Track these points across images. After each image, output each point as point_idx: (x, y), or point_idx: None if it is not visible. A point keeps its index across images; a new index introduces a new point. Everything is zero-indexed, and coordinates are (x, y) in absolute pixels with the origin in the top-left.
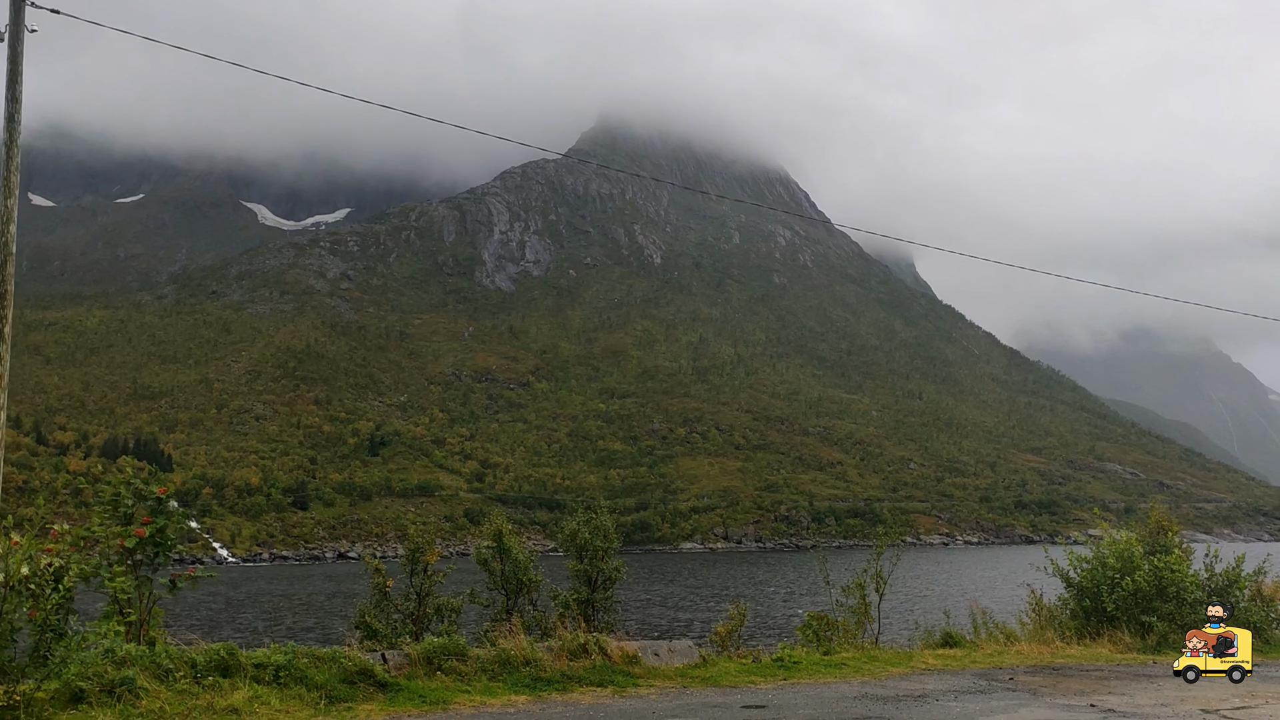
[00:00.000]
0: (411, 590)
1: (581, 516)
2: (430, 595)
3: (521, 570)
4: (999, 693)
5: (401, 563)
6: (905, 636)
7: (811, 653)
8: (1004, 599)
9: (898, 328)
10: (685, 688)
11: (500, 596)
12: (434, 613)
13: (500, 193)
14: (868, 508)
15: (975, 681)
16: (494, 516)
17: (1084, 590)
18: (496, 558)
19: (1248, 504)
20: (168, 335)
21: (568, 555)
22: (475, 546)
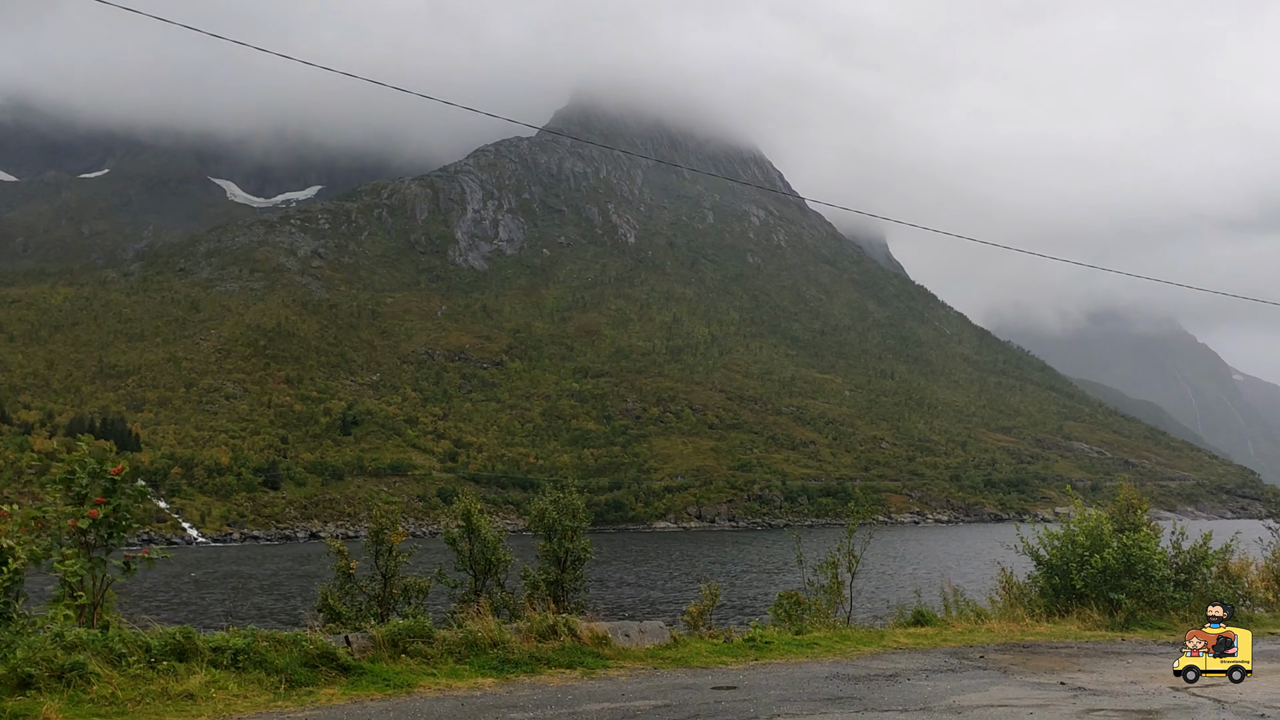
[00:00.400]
0: (376, 571)
1: (550, 496)
2: (396, 576)
3: (490, 550)
4: (970, 671)
5: (365, 543)
6: (877, 615)
7: (784, 632)
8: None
9: (870, 308)
10: (656, 669)
11: (468, 577)
12: (400, 594)
13: (473, 171)
14: (840, 487)
15: (946, 660)
16: (463, 495)
17: (1054, 568)
18: (464, 537)
19: (1211, 482)
20: (134, 313)
21: (537, 535)
22: (443, 526)
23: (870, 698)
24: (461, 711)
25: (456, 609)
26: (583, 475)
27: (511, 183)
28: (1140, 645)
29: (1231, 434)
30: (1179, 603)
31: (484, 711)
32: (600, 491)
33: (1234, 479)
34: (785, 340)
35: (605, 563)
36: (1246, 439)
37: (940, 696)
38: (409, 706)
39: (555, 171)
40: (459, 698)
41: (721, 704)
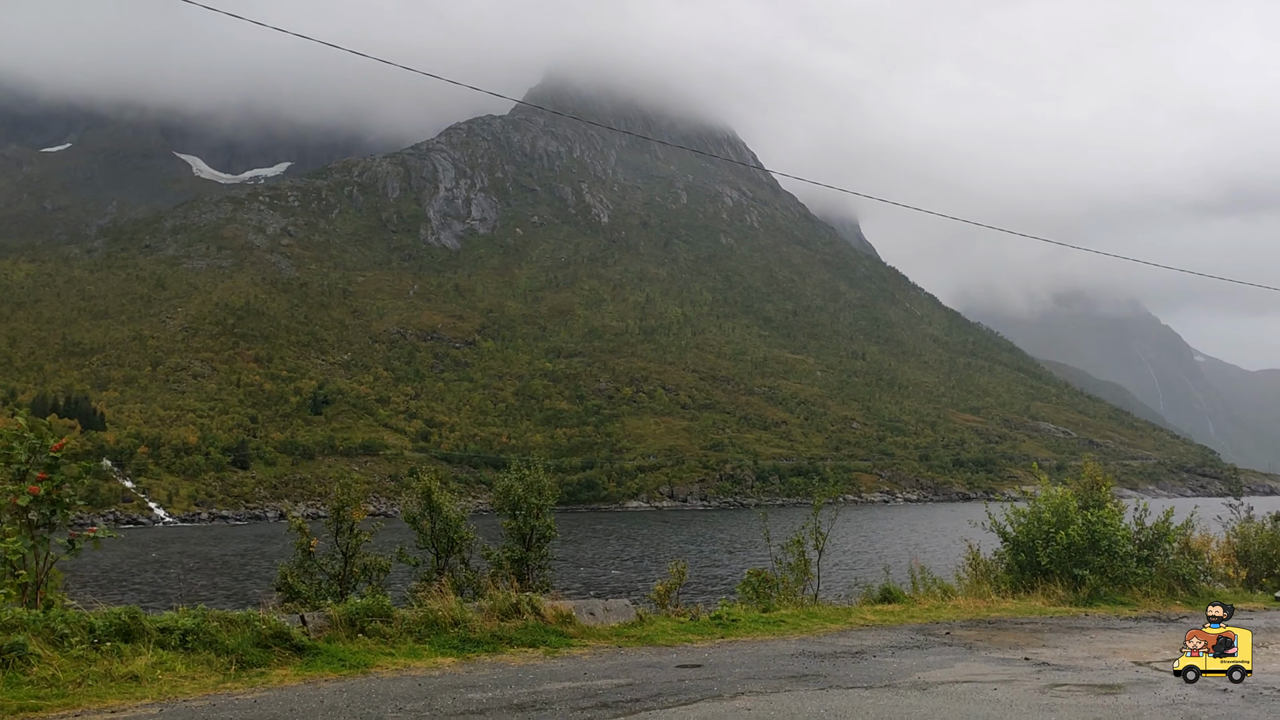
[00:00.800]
0: (337, 550)
1: (515, 473)
2: (357, 555)
3: (452, 528)
4: (935, 647)
5: (325, 522)
6: (845, 593)
7: (751, 610)
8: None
9: (842, 289)
10: (620, 647)
11: (430, 555)
12: (361, 573)
13: (445, 149)
14: (811, 466)
15: (912, 636)
16: (423, 473)
17: (1020, 545)
18: (426, 515)
19: (1172, 461)
20: (98, 290)
21: (502, 513)
22: (403, 503)
23: (835, 675)
24: (418, 692)
25: (418, 588)
26: (555, 455)
27: (484, 161)
28: (1103, 620)
29: (1192, 414)
30: (1141, 578)
31: (442, 692)
32: (573, 471)
33: (1194, 458)
34: (758, 321)
35: (575, 541)
36: (1207, 419)
37: (905, 673)
38: (364, 687)
39: (528, 150)
40: (417, 678)
41: (685, 682)
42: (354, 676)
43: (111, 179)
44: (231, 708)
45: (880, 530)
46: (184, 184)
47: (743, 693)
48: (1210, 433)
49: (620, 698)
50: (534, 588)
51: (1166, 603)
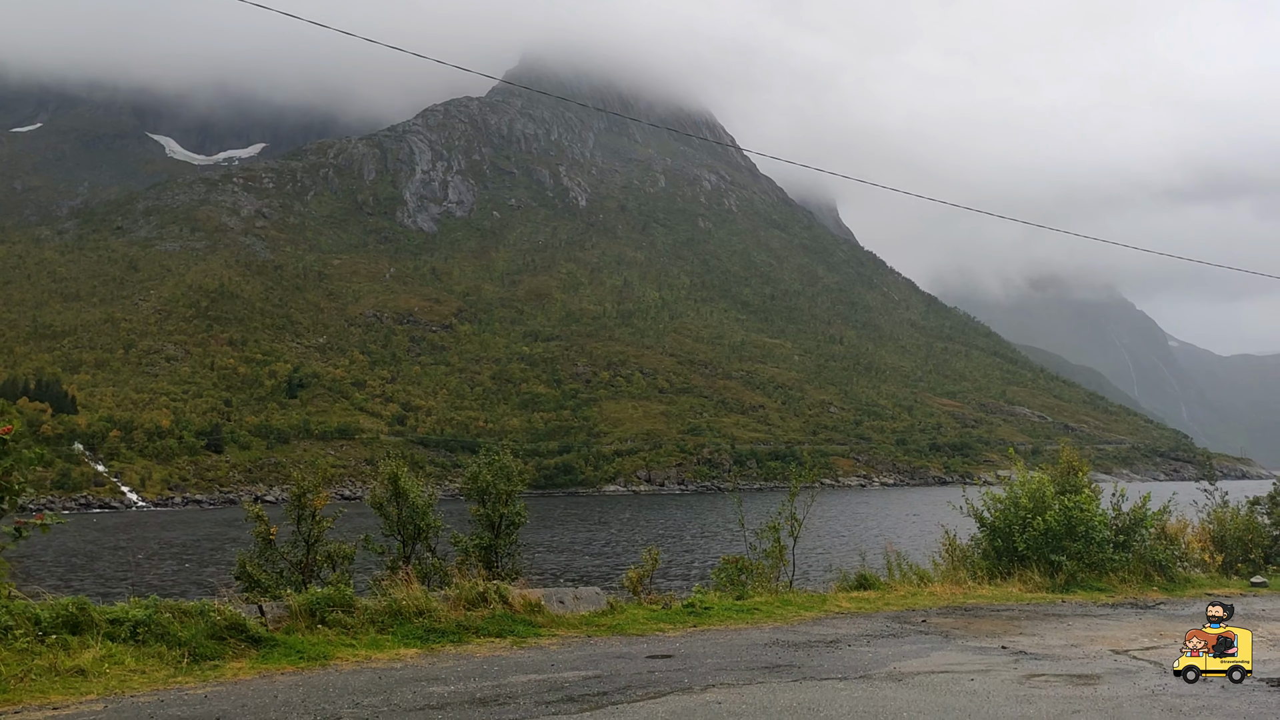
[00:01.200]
0: (299, 537)
1: (484, 458)
2: (320, 542)
3: (419, 515)
4: (911, 636)
5: (285, 508)
6: (820, 579)
7: (724, 598)
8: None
9: (820, 273)
10: (590, 637)
11: (396, 543)
12: (324, 560)
13: (422, 131)
14: (788, 450)
15: (888, 625)
16: (390, 458)
17: (996, 530)
18: (392, 501)
19: (1145, 445)
20: (70, 272)
21: (470, 499)
22: (370, 489)
23: (809, 665)
24: (378, 685)
25: (382, 577)
26: (532, 439)
27: (461, 144)
28: (1080, 607)
29: (1166, 398)
30: (1118, 564)
31: (403, 685)
32: (550, 455)
33: (1168, 442)
34: (735, 305)
35: (549, 527)
36: (1180, 403)
37: (881, 663)
38: (322, 680)
39: (505, 133)
40: (378, 670)
41: (655, 674)
42: (312, 669)
43: (83, 159)
44: (181, 703)
45: (856, 515)
46: (156, 165)
47: (713, 685)
48: (1183, 417)
49: (587, 690)
50: (503, 576)
51: (1143, 589)
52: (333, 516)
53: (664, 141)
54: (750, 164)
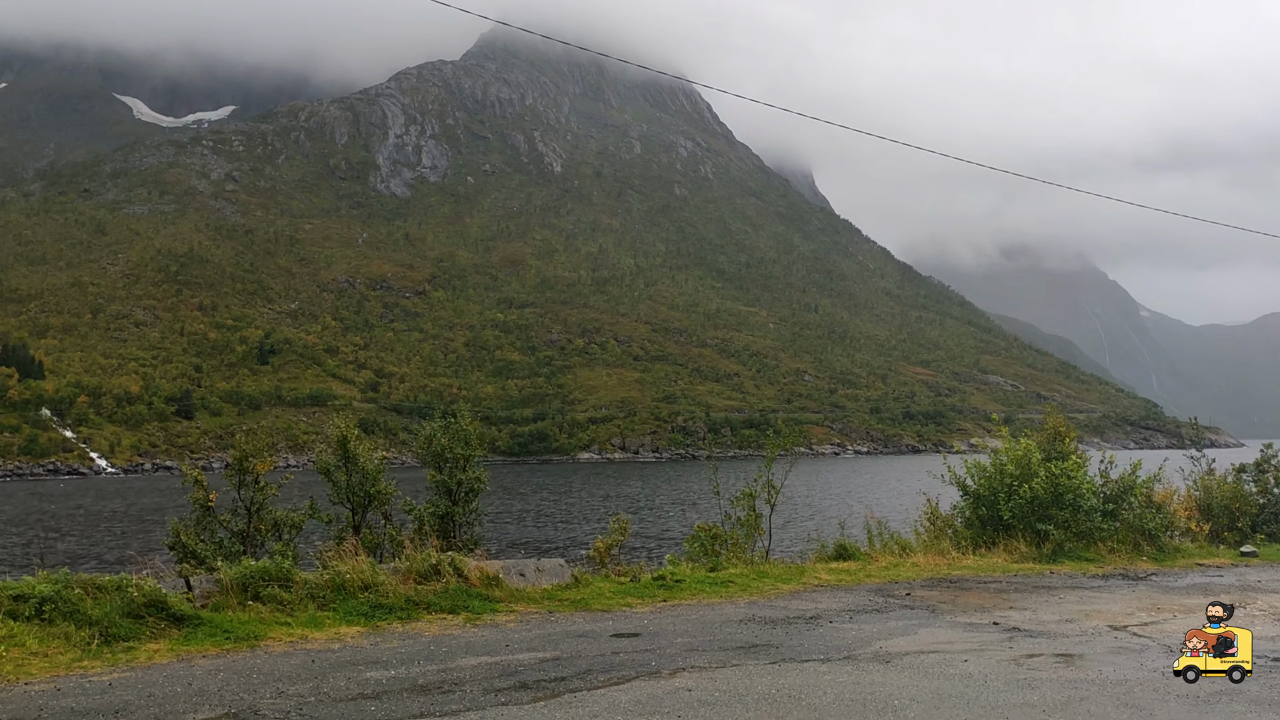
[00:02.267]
0: (240, 504)
1: (440, 421)
2: (264, 510)
3: (369, 481)
4: (896, 611)
5: (226, 473)
6: (798, 549)
7: (697, 569)
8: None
9: (796, 241)
10: (551, 613)
11: (345, 511)
12: (269, 530)
13: (395, 94)
14: (763, 418)
15: (871, 599)
16: (338, 420)
17: (980, 498)
18: (341, 467)
19: (1116, 414)
20: (36, 235)
21: (426, 464)
22: (316, 453)
23: (789, 644)
24: (310, 669)
25: (326, 548)
26: (506, 406)
27: (435, 108)
28: (1070, 578)
29: (1137, 368)
30: (1106, 533)
31: (337, 670)
32: (524, 423)
33: (1138, 411)
34: (711, 273)
35: (523, 494)
36: (1151, 373)
37: (865, 641)
38: (246, 664)
39: (480, 97)
40: (312, 652)
41: (620, 655)
42: (238, 651)
43: (49, 120)
44: (79, 692)
45: (832, 483)
46: (124, 126)
47: (684, 668)
48: (1154, 386)
49: (543, 676)
50: (461, 546)
51: (1133, 559)
52: (277, 483)
53: (640, 107)
54: (727, 131)
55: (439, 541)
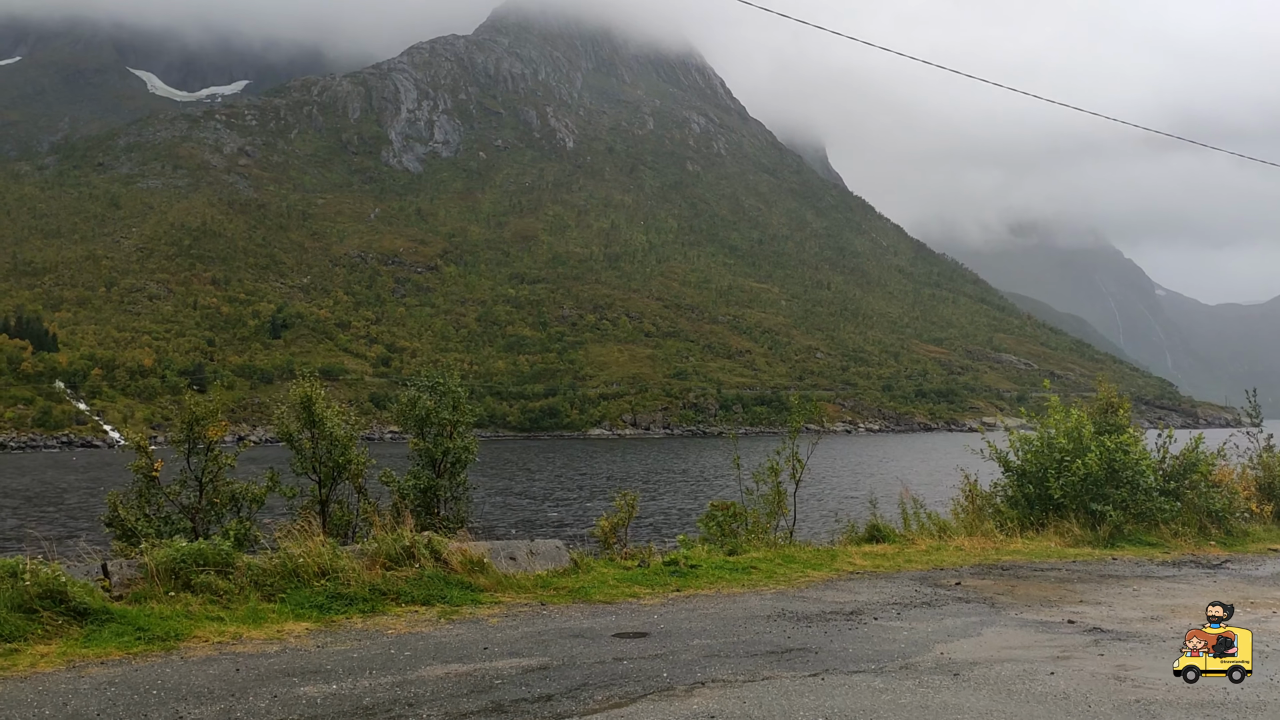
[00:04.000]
0: (189, 475)
1: (425, 382)
2: (219, 482)
3: (339, 449)
4: (949, 604)
5: (173, 440)
6: (822, 530)
7: (714, 552)
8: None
9: (809, 218)
10: (544, 604)
11: (312, 483)
12: (227, 504)
13: (408, 69)
14: (775, 396)
15: (917, 589)
16: (302, 377)
17: (1027, 475)
18: (304, 431)
19: (1130, 393)
20: (50, 208)
21: (407, 430)
22: (275, 417)
23: (830, 649)
24: (229, 683)
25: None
26: (518, 382)
27: (447, 83)
28: (1137, 566)
29: (1151, 347)
30: (1169, 515)
31: (264, 682)
32: (535, 398)
33: (1153, 390)
34: (723, 249)
35: (527, 470)
36: (1165, 352)
37: (922, 645)
38: (150, 675)
39: (492, 72)
40: (241, 656)
41: (623, 663)
42: (148, 656)
43: (63, 94)
44: None
45: (848, 460)
46: (138, 101)
47: (703, 681)
48: (1168, 366)
49: (525, 694)
50: (444, 525)
51: (1199, 543)
52: (235, 452)
53: (653, 83)
54: (740, 107)
55: (415, 520)
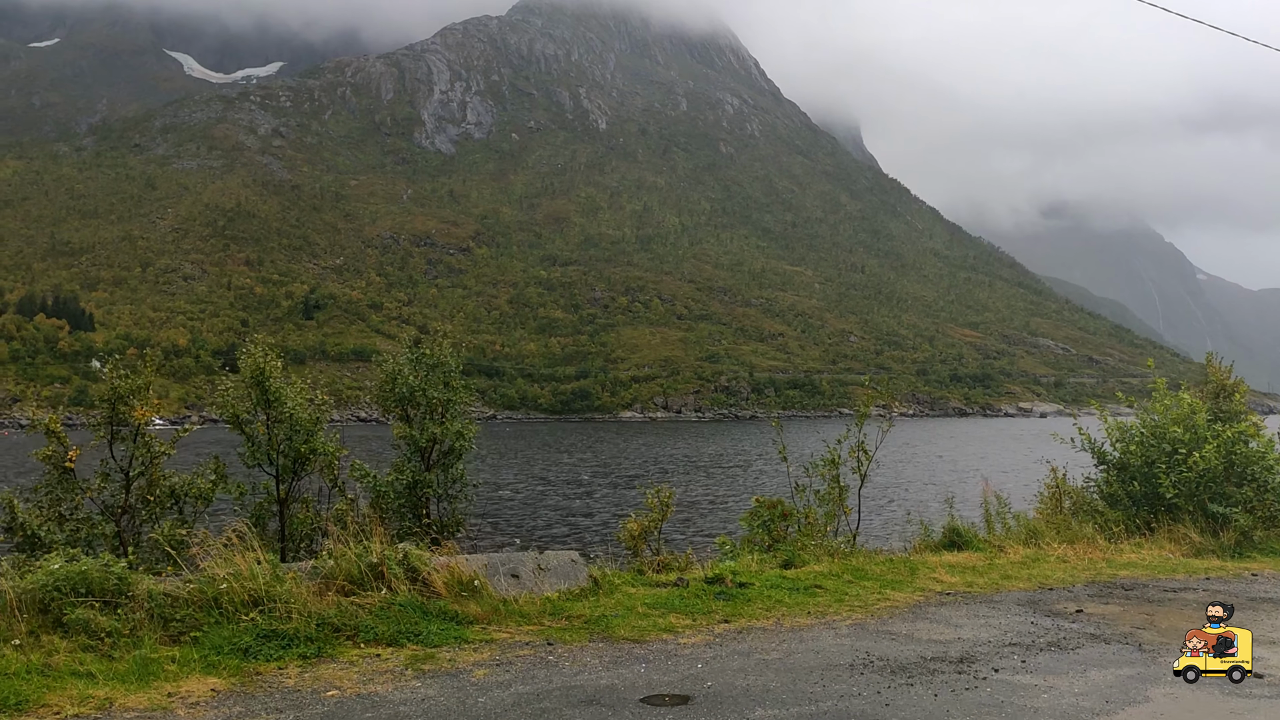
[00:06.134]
0: (112, 467)
1: (409, 352)
2: (153, 474)
3: (300, 435)
4: (1083, 645)
5: (91, 424)
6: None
7: (766, 562)
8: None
9: (843, 200)
10: (550, 643)
11: (268, 478)
12: (165, 502)
13: (441, 50)
14: (807, 379)
15: (1030, 619)
16: (254, 344)
17: (1130, 469)
18: (257, 413)
19: (1170, 379)
20: (87, 189)
21: (389, 411)
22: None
23: None
24: None
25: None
26: (549, 363)
27: (480, 64)
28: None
29: (1191, 332)
30: None
31: None
32: (566, 380)
33: (1193, 376)
34: (756, 231)
35: (563, 451)
36: (1206, 337)
37: (1075, 718)
38: None
39: (525, 53)
40: None
41: None
42: None
43: (101, 76)
44: None
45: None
46: (175, 83)
47: None
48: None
49: None
50: (434, 531)
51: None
52: (173, 438)
53: (686, 64)
54: (774, 88)
55: (397, 525)
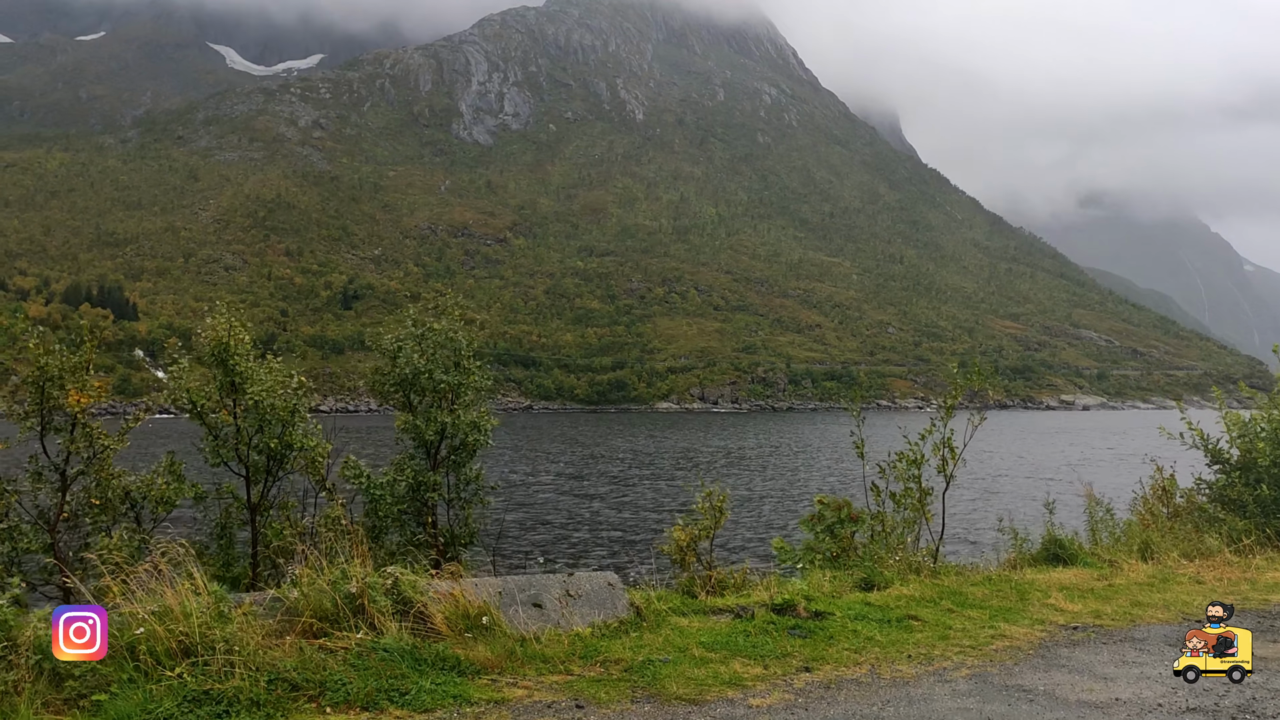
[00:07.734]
0: (45, 466)
1: (412, 328)
2: (101, 473)
3: (271, 424)
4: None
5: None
6: (962, 539)
7: (840, 580)
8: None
9: (881, 191)
10: (580, 705)
11: (235, 479)
12: (119, 508)
13: (478, 41)
14: (845, 371)
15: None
16: (217, 314)
17: (1254, 469)
18: (223, 399)
19: (1218, 372)
20: (132, 180)
21: (388, 398)
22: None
23: None
24: None
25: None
26: (586, 354)
27: (518, 55)
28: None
29: (1238, 324)
30: None
31: None
32: (603, 371)
33: (1241, 369)
34: (794, 222)
35: (596, 440)
36: (1253, 329)
37: None
38: None
39: (563, 44)
40: None
41: None
42: None
43: (146, 69)
44: None
45: None
46: (217, 75)
47: None
48: (1256, 343)
49: None
50: (442, 541)
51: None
52: (122, 429)
53: (724, 54)
54: (812, 78)
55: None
